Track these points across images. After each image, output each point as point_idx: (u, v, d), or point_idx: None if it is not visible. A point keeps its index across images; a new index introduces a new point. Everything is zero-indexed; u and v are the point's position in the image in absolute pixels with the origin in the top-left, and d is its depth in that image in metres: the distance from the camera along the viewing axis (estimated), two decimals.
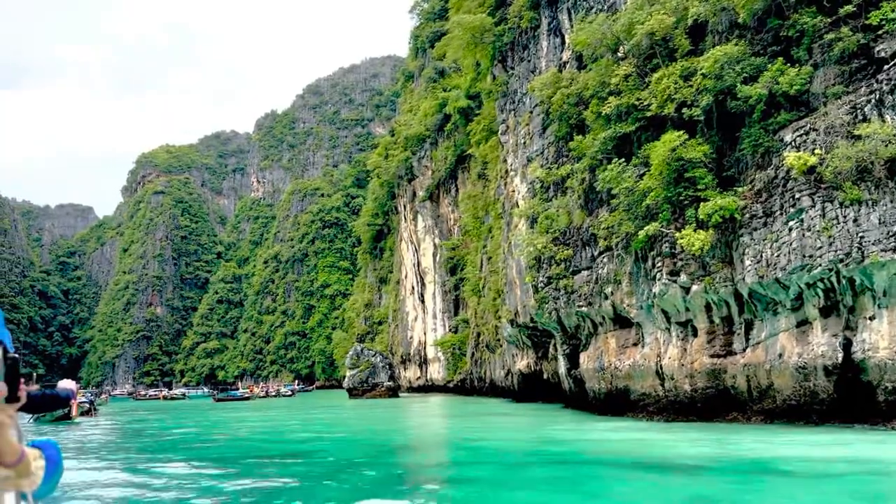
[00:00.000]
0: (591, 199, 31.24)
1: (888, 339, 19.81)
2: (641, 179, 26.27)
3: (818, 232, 20.93)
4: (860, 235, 20.07)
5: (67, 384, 2.65)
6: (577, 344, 33.47)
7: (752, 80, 23.63)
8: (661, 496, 12.82)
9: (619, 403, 28.80)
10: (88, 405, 49.38)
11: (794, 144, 22.22)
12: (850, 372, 20.86)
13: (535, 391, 44.92)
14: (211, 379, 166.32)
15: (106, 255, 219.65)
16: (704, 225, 23.89)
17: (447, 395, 70.73)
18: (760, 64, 23.64)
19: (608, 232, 28.58)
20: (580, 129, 32.60)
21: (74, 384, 2.74)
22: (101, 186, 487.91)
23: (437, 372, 79.04)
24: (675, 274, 25.28)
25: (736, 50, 23.92)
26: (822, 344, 21.41)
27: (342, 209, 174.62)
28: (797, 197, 21.72)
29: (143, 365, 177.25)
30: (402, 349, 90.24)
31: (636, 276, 27.61)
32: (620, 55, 30.02)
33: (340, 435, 28.72)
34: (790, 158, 21.42)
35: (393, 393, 69.69)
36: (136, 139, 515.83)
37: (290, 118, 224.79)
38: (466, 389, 67.12)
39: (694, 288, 24.77)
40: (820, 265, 20.78)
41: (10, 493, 1.82)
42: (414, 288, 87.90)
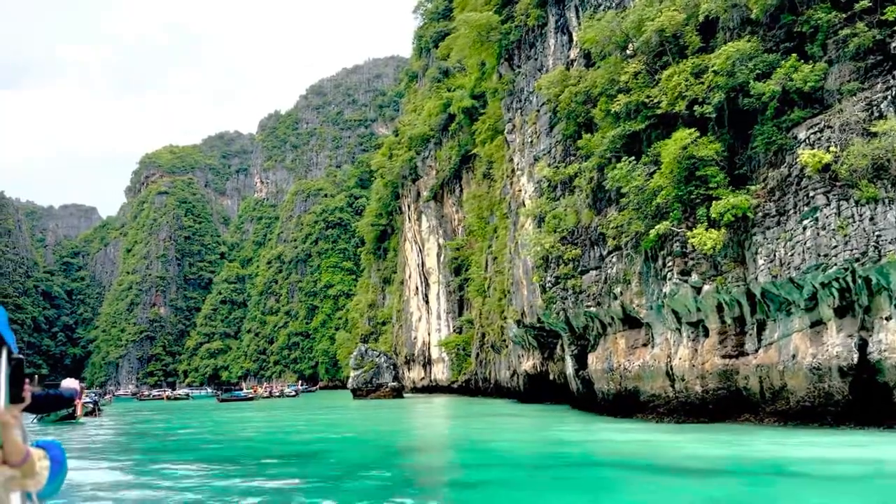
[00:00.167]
0: (599, 198, 30.94)
1: None
2: (651, 178, 25.97)
3: (833, 231, 20.62)
4: (876, 234, 19.75)
5: (71, 384, 2.70)
6: (585, 344, 33.16)
7: (764, 76, 23.32)
8: (677, 500, 12.53)
9: (628, 405, 28.49)
10: (92, 405, 49.45)
11: (808, 142, 21.91)
12: (865, 373, 20.54)
13: (540, 392, 44.59)
14: (214, 379, 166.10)
15: (109, 255, 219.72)
16: (716, 224, 23.58)
17: (451, 395, 70.42)
18: (773, 60, 23.32)
19: (617, 231, 28.28)
20: (588, 127, 32.31)
21: (78, 384, 2.77)
22: (103, 187, 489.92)
23: (441, 372, 78.75)
24: (686, 274, 24.98)
25: (748, 46, 23.60)
26: (836, 345, 21.09)
27: (345, 210, 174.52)
28: (811, 195, 21.40)
29: (146, 365, 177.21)
30: (406, 350, 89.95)
31: (646, 275, 27.31)
32: (629, 52, 29.72)
33: (347, 435, 28.47)
34: (805, 156, 21.11)
35: (397, 393, 69.41)
36: (138, 140, 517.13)
37: (293, 119, 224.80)
38: (471, 390, 66.82)
39: (705, 288, 24.46)
40: (835, 264, 20.47)
41: (15, 493, 1.85)
42: (418, 288, 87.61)
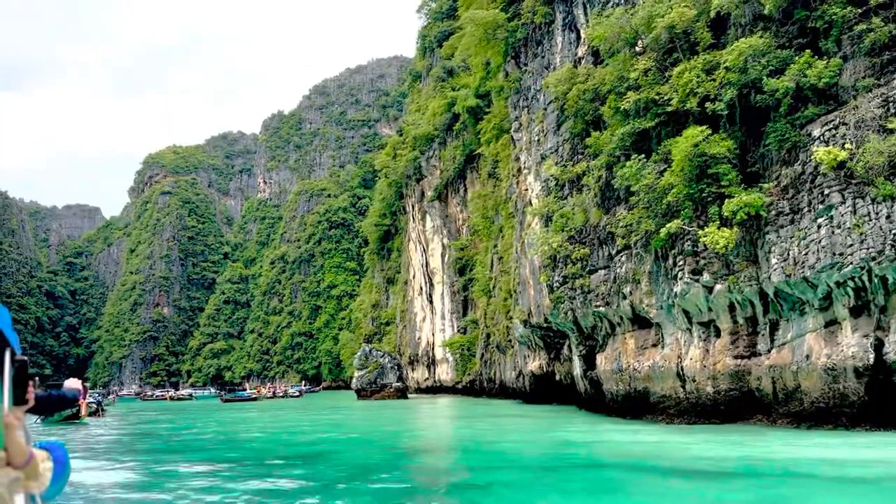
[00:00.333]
0: (608, 196, 30.60)
1: None
2: (662, 176, 25.62)
3: (849, 229, 20.26)
4: (893, 232, 19.39)
5: (73, 384, 2.70)
6: (593, 345, 32.82)
7: (777, 73, 22.97)
8: (691, 503, 12.22)
9: (637, 406, 28.15)
10: (96, 405, 49.31)
11: (822, 139, 21.56)
12: (881, 374, 20.16)
13: (546, 393, 44.27)
14: (217, 379, 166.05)
15: (113, 255, 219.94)
16: (728, 222, 23.25)
17: (456, 396, 70.12)
18: (787, 56, 22.98)
19: (626, 230, 27.93)
20: (596, 125, 31.98)
21: (81, 384, 2.77)
22: (106, 187, 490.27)
23: (445, 373, 78.45)
24: (697, 273, 24.63)
25: (761, 42, 23.26)
26: (852, 345, 20.73)
27: (349, 210, 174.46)
28: (826, 193, 21.05)
29: (149, 365, 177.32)
30: (410, 350, 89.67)
31: (656, 275, 26.97)
32: (638, 49, 29.40)
33: (353, 436, 28.18)
34: (819, 153, 20.76)
35: (402, 394, 69.11)
36: (140, 140, 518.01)
37: (296, 119, 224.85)
38: (475, 391, 66.50)
39: (717, 287, 24.11)
40: (851, 263, 20.11)
41: (19, 494, 1.84)
42: (422, 288, 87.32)
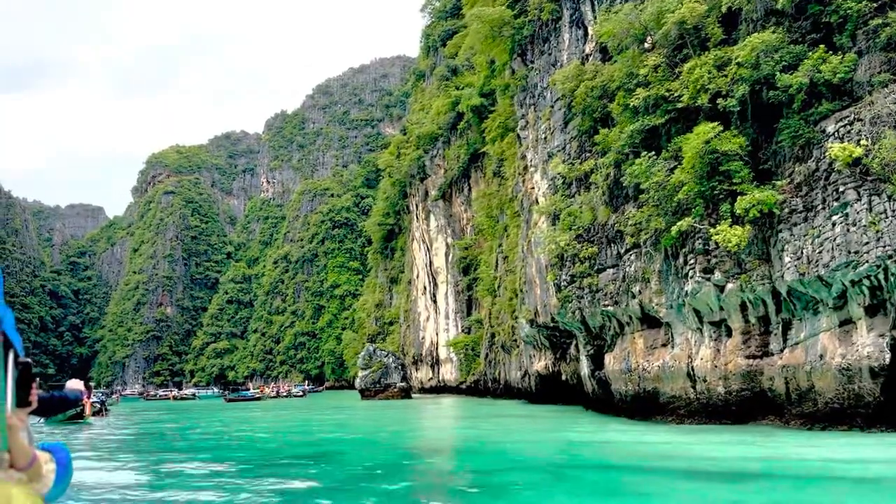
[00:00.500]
0: (616, 194, 30.27)
1: None
2: (672, 173, 25.28)
3: (864, 226, 19.93)
4: None
5: (76, 385, 2.69)
6: (601, 344, 32.49)
7: (791, 68, 22.63)
8: None
9: (646, 406, 27.82)
10: (100, 405, 49.23)
11: (837, 135, 21.22)
12: None
13: (552, 393, 43.94)
14: (221, 379, 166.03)
15: (116, 255, 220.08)
16: (741, 220, 22.91)
17: (460, 396, 69.78)
18: (800, 52, 22.64)
19: (636, 228, 27.60)
20: (604, 122, 31.64)
21: (83, 385, 2.75)
22: (110, 187, 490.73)
23: (449, 373, 78.10)
24: (708, 272, 24.30)
25: (774, 38, 22.92)
26: (867, 344, 20.38)
27: (352, 209, 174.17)
28: (841, 190, 20.71)
29: (153, 365, 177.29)
30: (413, 350, 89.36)
31: (666, 274, 26.64)
32: (647, 46, 29.07)
33: (359, 437, 27.92)
34: (834, 150, 20.42)
35: (406, 394, 68.85)
36: (142, 140, 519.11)
37: (299, 118, 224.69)
38: (479, 391, 66.15)
39: (729, 286, 23.78)
40: (867, 261, 19.77)
41: None
42: (426, 288, 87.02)
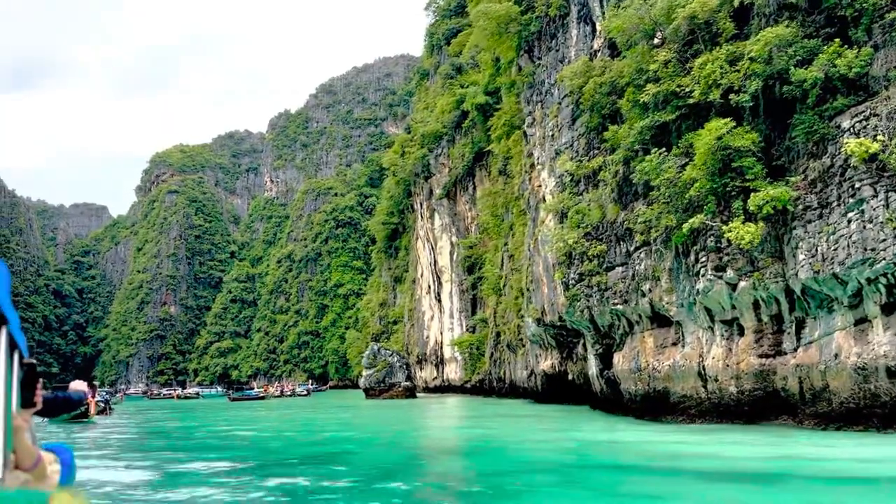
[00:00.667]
0: (625, 192, 29.94)
1: None
2: (683, 170, 24.95)
3: (881, 223, 19.56)
4: None
5: (79, 386, 2.72)
6: (610, 343, 32.17)
7: (805, 63, 22.27)
8: None
9: (656, 406, 27.49)
10: (104, 404, 49.19)
11: (852, 131, 20.86)
12: None
13: (558, 392, 43.62)
14: (224, 378, 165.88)
15: (120, 254, 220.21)
16: (754, 217, 22.56)
17: (465, 395, 69.48)
18: (814, 46, 22.28)
19: (646, 226, 27.27)
20: (613, 119, 31.33)
21: (86, 385, 2.79)
22: (114, 186, 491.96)
23: (454, 372, 77.79)
24: (720, 269, 23.96)
25: (787, 32, 22.56)
26: (883, 343, 20.02)
27: (355, 208, 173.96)
28: (857, 186, 20.35)
29: (156, 364, 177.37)
30: (417, 349, 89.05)
31: (676, 272, 26.31)
32: (657, 41, 28.72)
33: (366, 436, 27.63)
34: (850, 145, 20.05)
35: (410, 393, 68.57)
36: (146, 139, 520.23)
37: (303, 118, 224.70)
38: (484, 390, 65.83)
39: (741, 284, 23.43)
40: (883, 259, 19.40)
41: None
42: (430, 287, 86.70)
